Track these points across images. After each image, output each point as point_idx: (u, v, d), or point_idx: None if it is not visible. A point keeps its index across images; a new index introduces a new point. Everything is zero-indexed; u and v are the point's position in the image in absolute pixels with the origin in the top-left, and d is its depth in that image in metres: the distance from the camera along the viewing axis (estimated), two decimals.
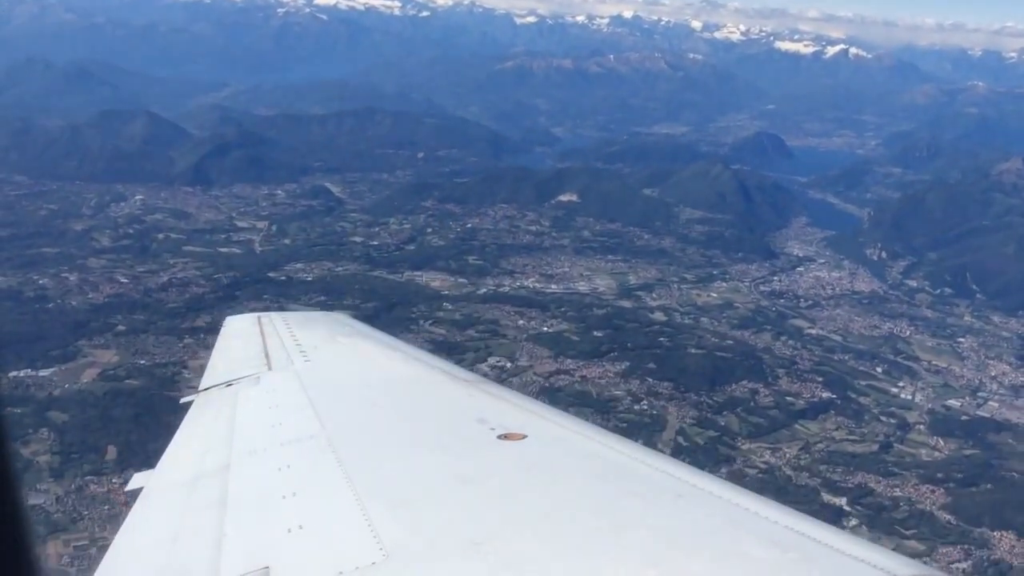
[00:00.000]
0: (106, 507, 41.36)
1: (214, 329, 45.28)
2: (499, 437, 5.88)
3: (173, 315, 66.33)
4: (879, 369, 68.57)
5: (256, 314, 11.02)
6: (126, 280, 73.59)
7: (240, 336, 10.24)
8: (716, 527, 4.60)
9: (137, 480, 7.02)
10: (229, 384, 8.50)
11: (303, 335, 9.74)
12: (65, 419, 48.68)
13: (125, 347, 59.60)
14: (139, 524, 6.06)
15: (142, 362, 57.70)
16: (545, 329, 69.61)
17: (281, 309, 64.94)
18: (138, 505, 6.39)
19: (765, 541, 4.32)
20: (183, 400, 8.66)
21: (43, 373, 53.86)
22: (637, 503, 4.93)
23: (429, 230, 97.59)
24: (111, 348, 59.21)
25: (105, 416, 49.29)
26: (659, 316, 75.51)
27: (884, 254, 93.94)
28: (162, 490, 6.36)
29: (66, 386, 52.87)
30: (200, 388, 8.70)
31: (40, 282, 70.43)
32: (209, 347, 40.48)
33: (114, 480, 43.32)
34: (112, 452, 45.80)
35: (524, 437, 5.88)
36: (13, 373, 53.09)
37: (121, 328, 62.75)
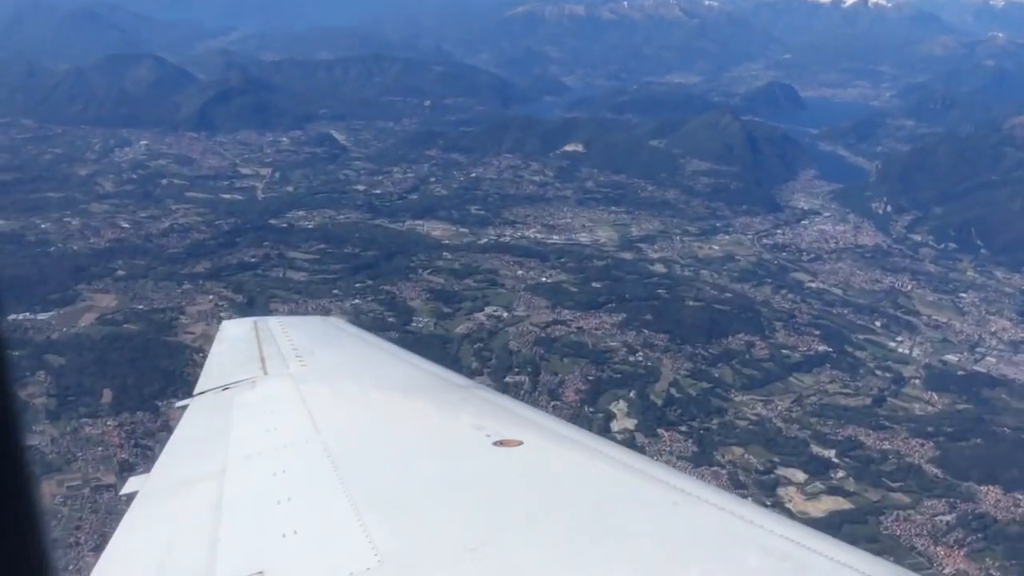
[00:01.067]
0: (100, 448, 42.18)
1: (214, 275, 46.18)
2: (495, 443, 5.83)
3: (173, 261, 66.75)
4: (878, 323, 68.45)
5: (252, 318, 10.97)
6: (128, 225, 74.05)
7: (236, 340, 10.20)
8: (712, 536, 4.60)
9: (132, 483, 6.96)
10: (225, 388, 8.48)
11: (299, 339, 9.72)
12: (62, 362, 49.37)
13: (124, 292, 60.17)
14: (134, 527, 6.02)
15: (140, 307, 58.29)
16: (544, 279, 69.67)
17: (280, 256, 65.45)
18: (133, 508, 6.32)
19: (760, 550, 4.31)
20: (178, 404, 8.76)
21: (42, 317, 54.54)
22: (632, 511, 4.92)
23: (432, 179, 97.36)
24: (110, 293, 59.78)
25: (102, 360, 49.92)
26: (659, 268, 75.43)
27: (889, 208, 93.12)
28: (157, 494, 6.32)
29: (64, 330, 53.54)
30: (196, 392, 8.68)
31: (42, 226, 70.97)
32: (207, 293, 41.19)
33: (108, 423, 44.11)
34: (108, 395, 46.48)
35: (520, 443, 5.83)
36: (12, 316, 53.74)
37: (121, 273, 63.27)
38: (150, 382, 48.39)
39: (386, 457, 6.20)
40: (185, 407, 8.46)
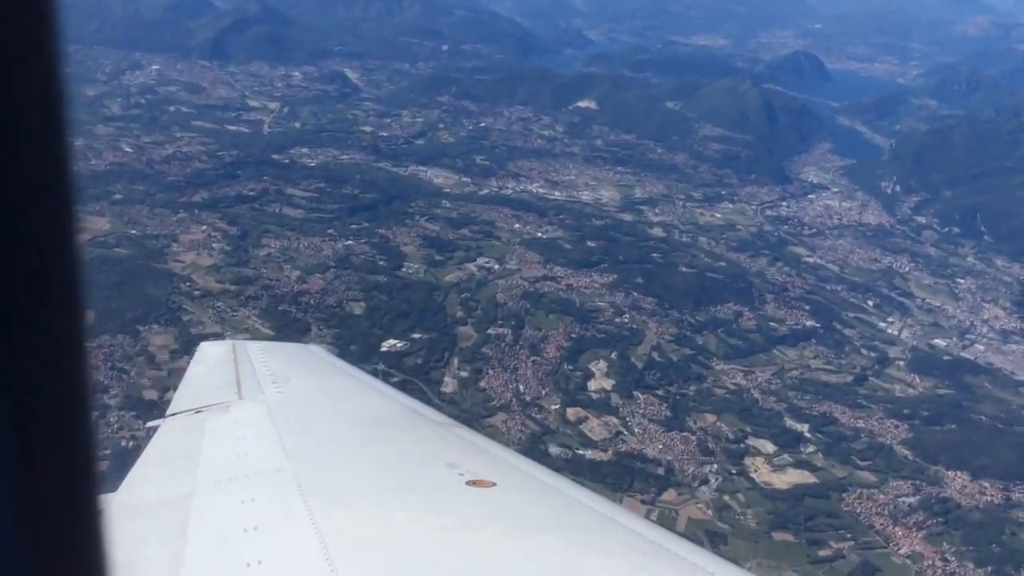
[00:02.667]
0: None
1: (210, 206, 46.44)
2: (468, 483, 5.75)
3: (172, 188, 66.97)
4: (871, 303, 68.25)
5: (231, 341, 10.95)
6: (130, 150, 74.21)
7: (213, 362, 10.07)
8: None
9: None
10: (198, 411, 8.30)
11: (277, 365, 9.59)
12: None
13: (119, 216, 60.57)
14: None
15: (133, 232, 58.68)
16: (540, 235, 69.66)
17: (279, 192, 65.45)
18: None
19: None
20: (149, 424, 8.60)
21: None
22: (602, 560, 4.88)
23: (441, 126, 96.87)
24: (105, 216, 60.11)
25: (89, 281, 49.19)
26: (657, 232, 75.18)
27: (898, 188, 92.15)
28: (121, 515, 6.06)
29: None
30: (169, 412, 8.52)
31: None
32: (202, 223, 41.45)
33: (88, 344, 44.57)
34: (90, 317, 46.86)
35: (493, 485, 5.76)
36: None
37: (118, 197, 63.63)
38: (134, 307, 48.96)
39: (357, 491, 6.10)
40: (156, 427, 8.36)
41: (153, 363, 45.03)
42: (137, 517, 5.98)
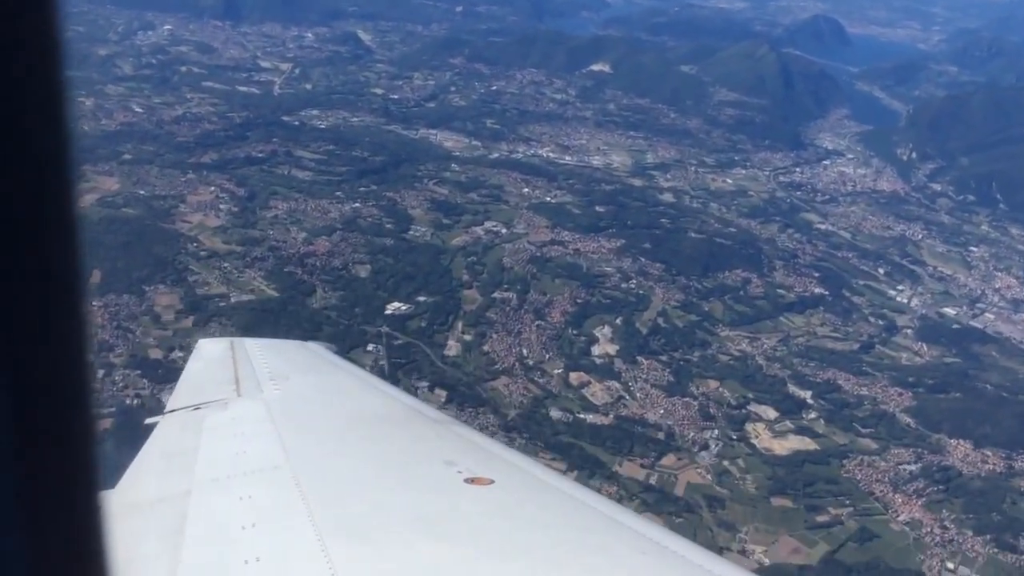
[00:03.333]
0: None
1: (219, 167, 46.53)
2: (465, 481, 5.74)
3: (181, 149, 67.07)
4: (881, 270, 67.76)
5: (229, 339, 10.87)
6: (141, 110, 74.23)
7: (211, 359, 10.03)
8: None
9: None
10: (196, 408, 8.30)
11: (275, 363, 9.57)
12: None
13: (128, 176, 60.79)
14: None
15: (142, 192, 58.91)
16: (548, 199, 69.40)
17: (288, 154, 65.51)
18: None
19: None
20: (148, 421, 8.47)
21: None
22: (600, 558, 4.88)
23: (453, 89, 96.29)
24: (114, 176, 60.36)
25: (96, 241, 50.46)
26: (667, 197, 74.75)
27: (914, 155, 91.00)
28: (119, 512, 6.01)
29: None
30: (167, 409, 8.53)
31: None
32: (210, 184, 41.50)
33: (94, 303, 44.96)
34: (96, 276, 47.25)
35: (491, 482, 5.75)
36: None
37: (127, 157, 63.81)
38: (140, 267, 49.28)
39: (355, 488, 6.11)
40: (155, 424, 8.36)
41: (158, 323, 45.40)
42: (135, 514, 5.97)
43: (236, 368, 9.36)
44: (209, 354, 10.28)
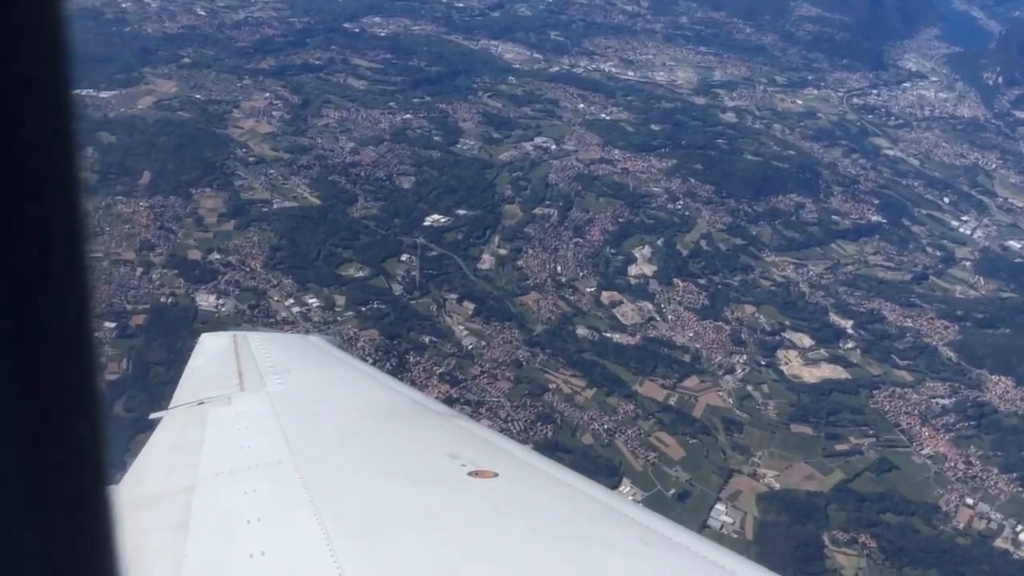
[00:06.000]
0: (127, 226, 44.87)
1: (276, 73, 47.16)
2: (469, 474, 5.73)
3: (240, 54, 67.89)
4: (947, 199, 65.14)
5: (232, 332, 10.87)
6: (204, 13, 75.08)
7: (214, 354, 10.03)
8: None
9: None
10: (200, 403, 8.28)
11: (278, 357, 9.59)
12: (112, 141, 51.87)
13: (186, 79, 61.98)
14: None
15: (198, 96, 60.07)
16: (603, 116, 68.35)
17: (345, 62, 65.58)
18: None
19: None
20: (152, 416, 8.46)
21: (104, 95, 56.92)
22: (604, 550, 4.89)
23: None
24: (172, 79, 61.63)
25: (149, 143, 52.19)
26: (729, 117, 72.65)
27: (1000, 79, 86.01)
28: (124, 506, 5.96)
29: (121, 110, 55.89)
30: (171, 405, 8.51)
31: (122, 5, 72.64)
32: (265, 90, 42.08)
33: (141, 203, 46.66)
34: (146, 177, 48.89)
35: (495, 475, 5.74)
36: (75, 91, 55.93)
37: (187, 61, 64.94)
38: (189, 169, 50.63)
39: (359, 482, 6.08)
40: (159, 419, 8.36)
41: (201, 225, 46.81)
42: (140, 509, 5.93)
43: (239, 362, 9.42)
44: (212, 348, 10.38)
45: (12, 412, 1.11)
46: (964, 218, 63.11)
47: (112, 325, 38.22)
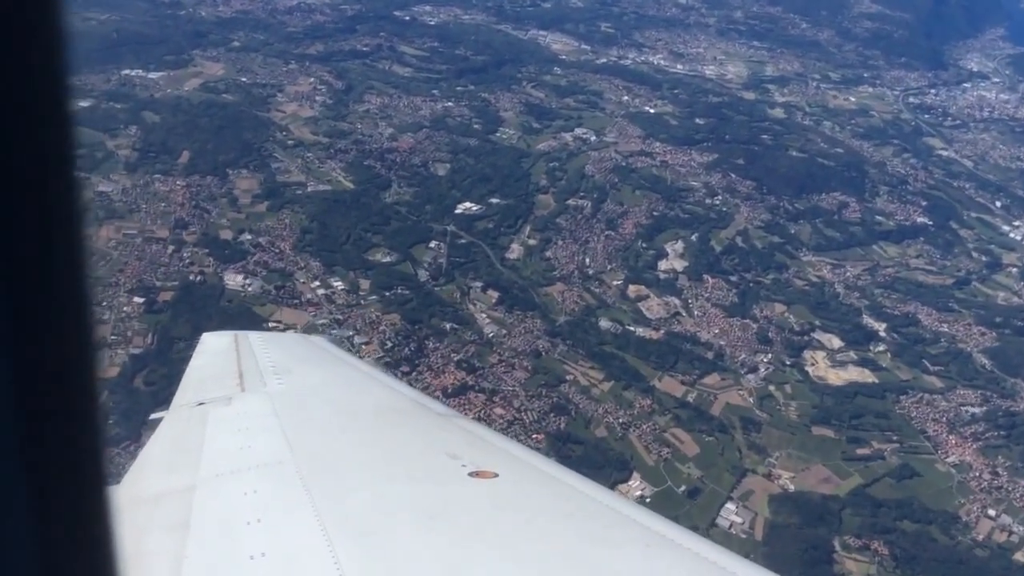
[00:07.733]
0: (163, 204, 46.01)
1: (323, 59, 47.94)
2: (470, 474, 5.73)
3: (289, 39, 68.94)
4: (999, 203, 63.26)
5: (233, 332, 10.85)
6: None
7: (215, 354, 9.99)
8: None
9: None
10: (201, 403, 8.27)
11: (279, 357, 9.59)
12: (156, 120, 53.23)
13: (233, 63, 63.24)
14: None
15: (244, 79, 61.24)
16: (647, 109, 67.83)
17: (392, 49, 66.20)
18: None
19: None
20: (152, 417, 8.49)
21: (152, 75, 58.38)
22: (605, 551, 4.90)
23: None
24: (220, 62, 62.92)
25: (191, 123, 53.37)
26: (777, 113, 71.52)
27: None
28: (124, 507, 5.94)
29: (168, 91, 57.24)
30: (172, 405, 8.53)
31: None
32: (310, 76, 42.90)
33: (178, 182, 47.78)
34: (185, 157, 50.01)
35: (495, 476, 5.75)
36: (125, 71, 57.75)
37: (236, 44, 66.20)
38: (228, 151, 51.69)
39: (360, 482, 6.09)
40: (159, 420, 8.35)
41: (235, 205, 47.78)
42: (140, 509, 5.92)
43: (239, 362, 9.39)
44: (213, 348, 10.39)
45: (12, 412, 1.09)
46: (1016, 223, 61.26)
47: (141, 300, 39.41)
